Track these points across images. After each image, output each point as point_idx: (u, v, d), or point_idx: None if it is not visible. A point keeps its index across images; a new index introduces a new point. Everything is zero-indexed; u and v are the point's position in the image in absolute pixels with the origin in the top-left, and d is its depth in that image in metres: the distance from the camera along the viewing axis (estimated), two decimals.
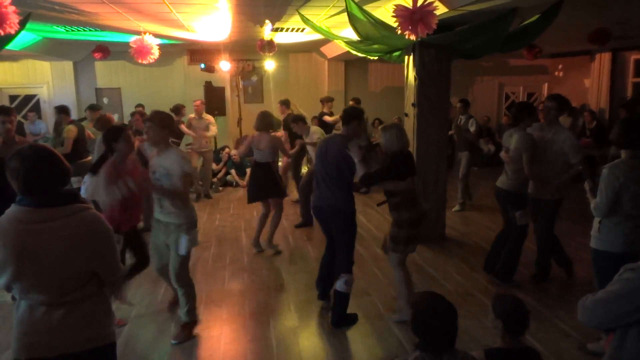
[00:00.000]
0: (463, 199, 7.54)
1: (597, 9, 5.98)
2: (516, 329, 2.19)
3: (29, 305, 1.96)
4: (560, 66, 12.70)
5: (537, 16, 4.97)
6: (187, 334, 3.74)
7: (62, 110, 6.85)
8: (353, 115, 3.91)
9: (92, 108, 7.31)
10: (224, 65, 10.01)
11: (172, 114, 5.78)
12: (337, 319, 3.95)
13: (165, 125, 3.51)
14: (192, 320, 3.78)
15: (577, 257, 5.27)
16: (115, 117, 8.94)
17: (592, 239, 3.27)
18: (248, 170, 8.62)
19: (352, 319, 4.02)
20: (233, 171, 9.59)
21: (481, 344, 3.46)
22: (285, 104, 8.32)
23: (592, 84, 11.58)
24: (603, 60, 11.13)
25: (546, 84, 13.08)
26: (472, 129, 7.33)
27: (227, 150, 9.88)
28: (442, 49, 5.59)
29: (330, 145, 3.92)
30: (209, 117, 8.58)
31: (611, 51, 10.82)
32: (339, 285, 3.88)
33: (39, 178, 1.90)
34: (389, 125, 3.93)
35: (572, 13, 5.63)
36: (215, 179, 9.35)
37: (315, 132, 6.55)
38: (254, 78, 11.35)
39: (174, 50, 10.34)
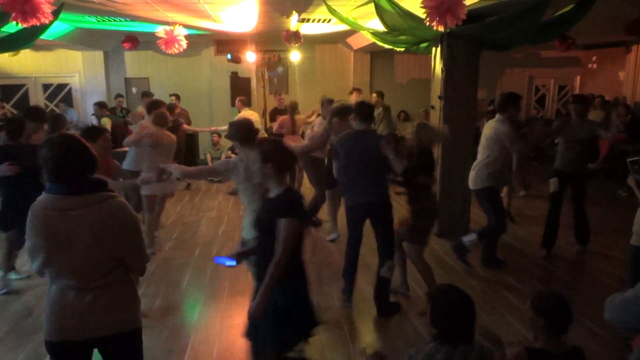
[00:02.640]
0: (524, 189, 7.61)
1: None
2: (561, 327, 2.10)
3: (60, 289, 2.03)
4: (594, 58, 12.28)
5: (571, 6, 4.81)
6: None
7: (101, 105, 8.36)
8: (371, 111, 4.11)
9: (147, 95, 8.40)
10: (250, 56, 10.04)
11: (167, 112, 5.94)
12: (383, 307, 4.01)
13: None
14: None
15: (609, 255, 5.15)
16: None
17: (634, 236, 3.20)
18: None
19: (396, 308, 4.08)
20: None
21: (506, 340, 3.41)
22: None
23: (628, 76, 11.18)
24: None
25: (579, 77, 12.69)
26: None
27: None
28: (471, 40, 5.48)
29: (364, 141, 3.94)
30: (248, 113, 8.31)
31: None
32: (384, 271, 3.93)
33: (68, 166, 1.96)
34: (422, 123, 4.15)
35: (608, 2, 5.43)
36: None
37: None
38: (280, 69, 11.34)
39: (201, 40, 10.41)
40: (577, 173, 4.94)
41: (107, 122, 7.28)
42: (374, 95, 8.88)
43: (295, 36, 7.55)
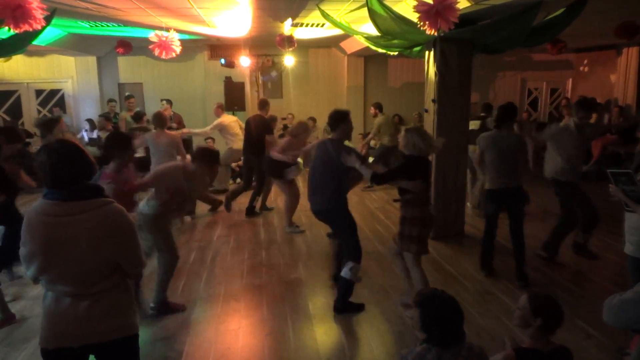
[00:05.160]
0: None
1: (624, 1, 5.81)
2: (554, 327, 2.14)
3: (55, 296, 2.02)
4: (585, 61, 12.40)
5: (562, 9, 4.86)
6: None
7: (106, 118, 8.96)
8: (339, 119, 3.99)
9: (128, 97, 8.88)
10: (244, 61, 10.06)
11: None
12: (339, 305, 4.07)
13: None
14: None
15: (602, 257, 5.17)
16: (128, 117, 9.13)
17: (629, 245, 3.19)
18: None
19: (356, 307, 4.11)
20: None
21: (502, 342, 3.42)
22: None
23: (619, 79, 11.28)
24: (630, 55, 10.84)
25: (570, 80, 12.80)
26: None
27: None
28: (464, 43, 5.52)
29: (322, 149, 4.04)
30: (228, 118, 8.39)
31: (639, 45, 10.53)
32: (344, 271, 3.98)
33: (65, 172, 1.96)
34: (411, 128, 4.00)
35: (599, 6, 5.49)
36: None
37: None
38: (274, 73, 11.37)
39: (194, 45, 10.42)
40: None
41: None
42: (372, 108, 8.95)
43: (289, 40, 7.57)
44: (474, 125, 6.90)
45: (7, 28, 3.81)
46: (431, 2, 4.04)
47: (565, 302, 4.15)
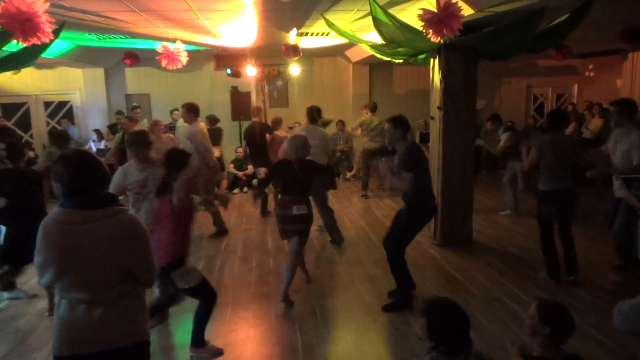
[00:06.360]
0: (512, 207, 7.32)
1: (628, 6, 5.81)
2: (565, 335, 2.12)
3: (69, 303, 2.06)
4: (590, 66, 12.37)
5: (566, 15, 4.87)
6: None
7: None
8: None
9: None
10: (250, 70, 10.12)
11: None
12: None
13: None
14: None
15: (609, 262, 5.13)
16: (145, 122, 9.21)
17: None
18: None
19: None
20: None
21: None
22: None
23: (625, 84, 11.24)
24: (636, 60, 10.81)
25: (576, 85, 12.77)
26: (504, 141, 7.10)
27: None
28: (469, 50, 5.53)
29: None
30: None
31: None
32: None
33: (81, 181, 2.01)
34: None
35: (603, 11, 5.50)
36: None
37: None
38: (279, 82, 11.43)
39: (201, 56, 10.50)
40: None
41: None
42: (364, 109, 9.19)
43: (294, 50, 7.62)
44: (506, 141, 6.98)
45: (16, 41, 3.86)
46: (435, 11, 4.06)
47: (576, 309, 4.13)
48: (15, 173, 4.33)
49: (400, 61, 6.99)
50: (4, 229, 4.36)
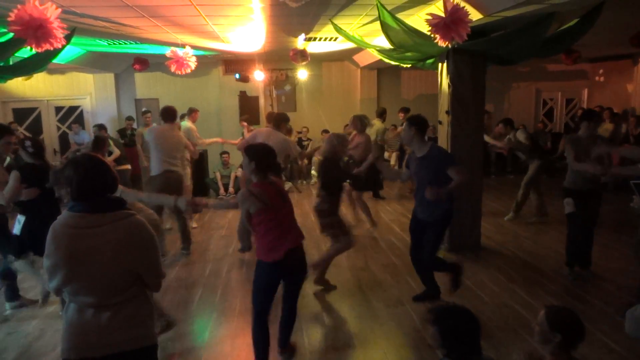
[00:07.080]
0: (538, 215, 7.07)
1: (638, 11, 5.77)
2: (575, 342, 2.11)
3: (77, 307, 2.07)
4: (601, 71, 12.29)
5: (576, 20, 4.84)
6: None
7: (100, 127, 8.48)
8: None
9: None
10: (258, 75, 10.17)
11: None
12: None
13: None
14: None
15: (623, 269, 5.07)
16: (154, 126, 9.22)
17: None
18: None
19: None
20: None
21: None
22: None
23: (635, 88, 11.16)
24: None
25: (586, 90, 12.69)
26: (523, 139, 7.05)
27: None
28: (477, 55, 5.52)
29: None
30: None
31: None
32: None
33: (90, 185, 2.04)
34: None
35: (613, 15, 5.46)
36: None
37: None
38: (287, 87, 11.48)
39: (209, 61, 10.58)
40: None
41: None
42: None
43: (302, 55, 7.65)
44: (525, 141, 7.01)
45: (29, 48, 3.92)
46: (443, 15, 4.06)
47: (587, 316, 4.08)
48: (49, 169, 4.36)
49: (409, 66, 7.00)
50: (23, 219, 4.36)
